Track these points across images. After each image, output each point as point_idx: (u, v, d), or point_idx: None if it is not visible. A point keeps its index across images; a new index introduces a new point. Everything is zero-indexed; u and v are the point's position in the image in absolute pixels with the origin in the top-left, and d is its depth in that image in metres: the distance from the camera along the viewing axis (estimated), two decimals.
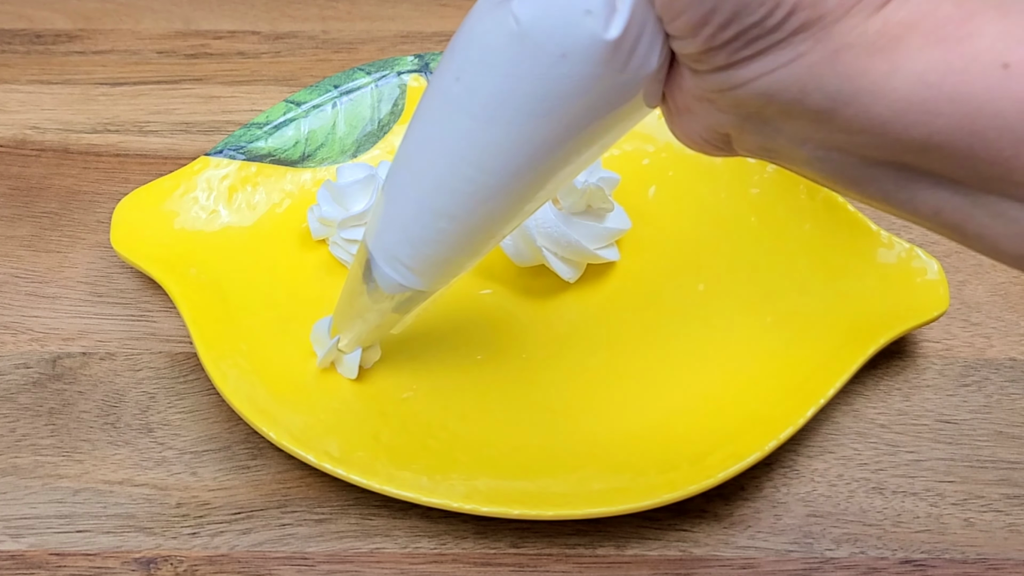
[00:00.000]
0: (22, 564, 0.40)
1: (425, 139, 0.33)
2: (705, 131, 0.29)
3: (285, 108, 0.52)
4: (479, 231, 0.34)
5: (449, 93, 0.31)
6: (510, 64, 0.29)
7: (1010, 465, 0.43)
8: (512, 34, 0.28)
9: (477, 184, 0.32)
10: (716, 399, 0.43)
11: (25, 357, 0.46)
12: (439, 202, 0.33)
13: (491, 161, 0.31)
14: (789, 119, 0.27)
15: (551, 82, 0.29)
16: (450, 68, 0.31)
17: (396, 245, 0.36)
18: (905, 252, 0.46)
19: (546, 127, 0.30)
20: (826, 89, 0.25)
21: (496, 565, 0.40)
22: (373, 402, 0.43)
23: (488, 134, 0.31)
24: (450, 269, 0.37)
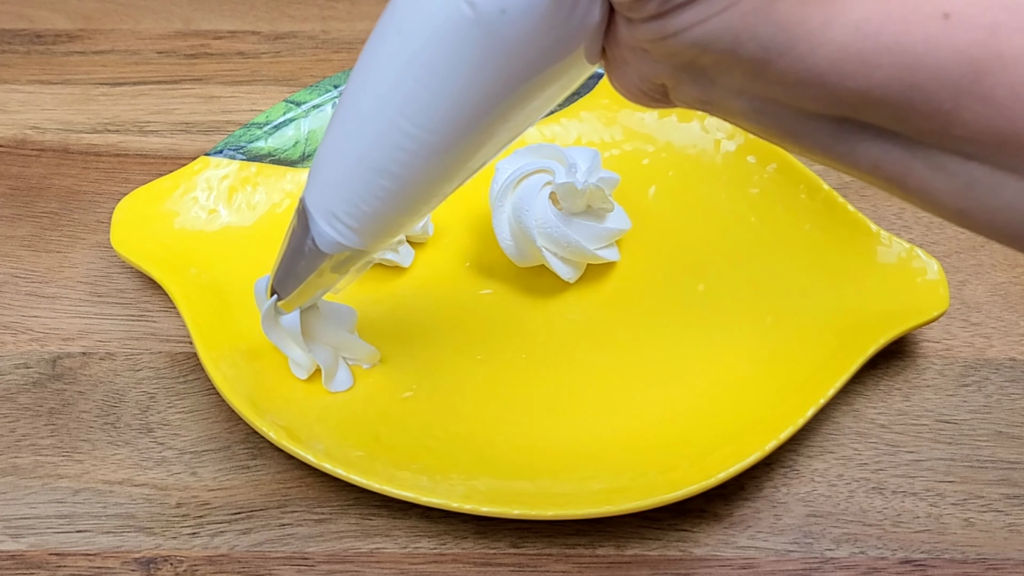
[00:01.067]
0: (22, 564, 0.40)
1: (365, 95, 0.32)
2: (642, 82, 0.29)
3: (285, 108, 0.52)
4: (421, 190, 0.33)
5: (390, 47, 0.30)
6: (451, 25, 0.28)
7: (1010, 465, 0.43)
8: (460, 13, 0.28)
9: (418, 142, 0.31)
10: (716, 399, 0.43)
11: (25, 357, 0.46)
12: (379, 159, 0.32)
13: (432, 119, 0.31)
14: (724, 70, 0.26)
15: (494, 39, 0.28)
16: (391, 22, 0.31)
17: (335, 202, 0.35)
18: (905, 252, 0.46)
19: (489, 84, 0.29)
20: (760, 39, 0.25)
21: (496, 565, 0.40)
22: (373, 402, 0.43)
23: (429, 91, 0.30)
24: (391, 228, 0.36)
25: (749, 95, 0.27)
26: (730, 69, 0.26)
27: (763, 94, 0.26)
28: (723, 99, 0.27)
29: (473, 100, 0.30)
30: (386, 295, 0.47)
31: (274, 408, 0.42)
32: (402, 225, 0.36)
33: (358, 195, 0.34)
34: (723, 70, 0.26)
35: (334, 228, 0.35)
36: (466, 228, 0.50)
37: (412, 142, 0.31)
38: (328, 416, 0.43)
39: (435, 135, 0.31)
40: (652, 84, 0.29)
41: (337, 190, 0.34)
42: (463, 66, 0.29)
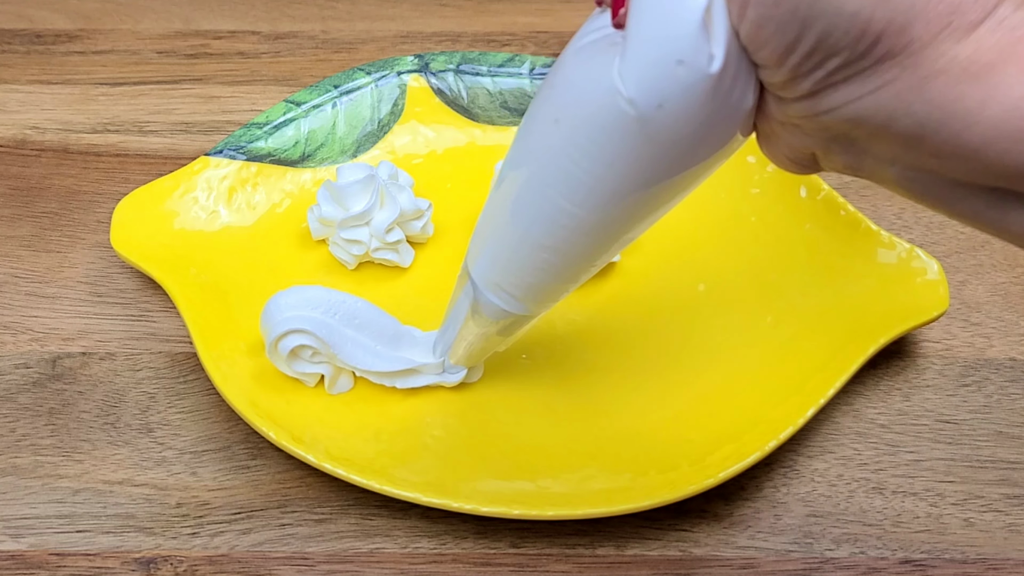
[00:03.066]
0: (22, 564, 0.40)
1: (524, 176, 0.33)
2: (792, 152, 0.30)
3: (285, 108, 0.52)
4: (580, 260, 0.35)
5: (548, 134, 0.31)
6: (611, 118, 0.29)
7: (1010, 465, 0.43)
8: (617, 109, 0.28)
9: (578, 220, 0.32)
10: (716, 399, 0.43)
11: (25, 357, 0.46)
12: (540, 236, 0.34)
13: (590, 199, 0.31)
14: (877, 142, 0.27)
15: (652, 132, 0.28)
16: (549, 108, 0.31)
17: (500, 275, 0.36)
18: (905, 252, 0.46)
19: (646, 171, 0.30)
20: (915, 116, 0.25)
21: (496, 565, 0.40)
22: (373, 402, 0.43)
23: (589, 175, 0.31)
24: (552, 295, 0.37)
25: (902, 165, 0.27)
26: (883, 142, 0.26)
27: (916, 165, 0.27)
28: (875, 167, 0.28)
29: (630, 185, 0.30)
30: (386, 295, 0.47)
31: (274, 408, 0.42)
32: (563, 291, 0.37)
33: (522, 269, 0.35)
34: (876, 142, 0.27)
35: (500, 298, 0.37)
36: (466, 228, 0.50)
37: (571, 220, 0.32)
38: (328, 416, 0.43)
39: (593, 214, 0.32)
40: (802, 154, 0.29)
41: (502, 264, 0.36)
42: (621, 155, 0.29)
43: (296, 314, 0.41)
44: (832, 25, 0.24)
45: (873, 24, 0.24)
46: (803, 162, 0.30)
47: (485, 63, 0.54)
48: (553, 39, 0.62)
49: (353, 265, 0.48)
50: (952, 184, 0.26)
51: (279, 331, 0.41)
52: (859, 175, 0.29)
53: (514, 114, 0.54)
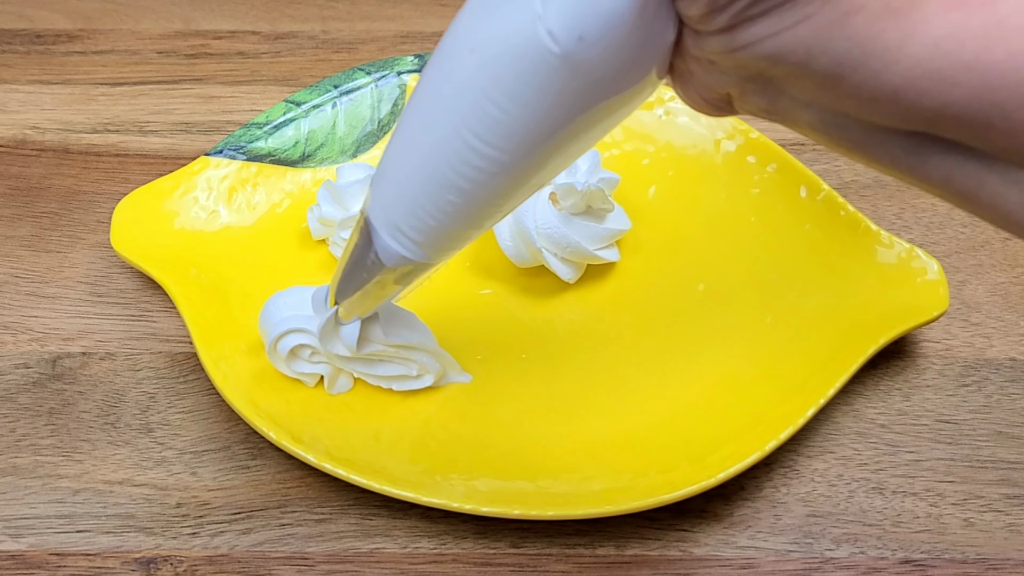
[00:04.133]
0: (22, 564, 0.40)
1: (433, 112, 0.31)
2: (706, 91, 0.29)
3: (285, 108, 0.52)
4: (488, 204, 0.33)
5: (462, 65, 0.30)
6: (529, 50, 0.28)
7: (1010, 465, 0.43)
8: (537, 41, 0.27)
9: (489, 159, 0.31)
10: (716, 399, 0.43)
11: (25, 357, 0.46)
12: (448, 175, 0.32)
13: (504, 139, 0.30)
14: (794, 82, 0.26)
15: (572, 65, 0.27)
16: (464, 39, 0.30)
17: (400, 217, 0.34)
18: (905, 252, 0.46)
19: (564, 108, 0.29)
20: (833, 53, 0.24)
21: (496, 565, 0.40)
22: (373, 402, 0.43)
23: (503, 112, 0.29)
24: (456, 242, 0.35)
25: (818, 107, 0.26)
26: (800, 81, 0.26)
27: (833, 107, 0.26)
28: (791, 109, 0.27)
29: (547, 123, 0.29)
30: None
31: (274, 408, 0.42)
32: (467, 238, 0.35)
33: (424, 210, 0.33)
34: (793, 82, 0.26)
35: (399, 242, 0.35)
36: None
37: (482, 160, 0.31)
38: (328, 416, 0.43)
39: (506, 154, 0.30)
40: (717, 94, 0.28)
41: (403, 205, 0.34)
42: (539, 91, 0.28)
43: (295, 314, 0.41)
44: None
45: None
46: (718, 103, 0.29)
47: None
48: None
49: None
50: (870, 128, 0.26)
51: (278, 331, 0.41)
52: (774, 118, 0.28)
53: None
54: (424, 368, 0.43)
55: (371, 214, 0.35)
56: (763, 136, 0.51)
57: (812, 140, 0.28)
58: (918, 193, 0.53)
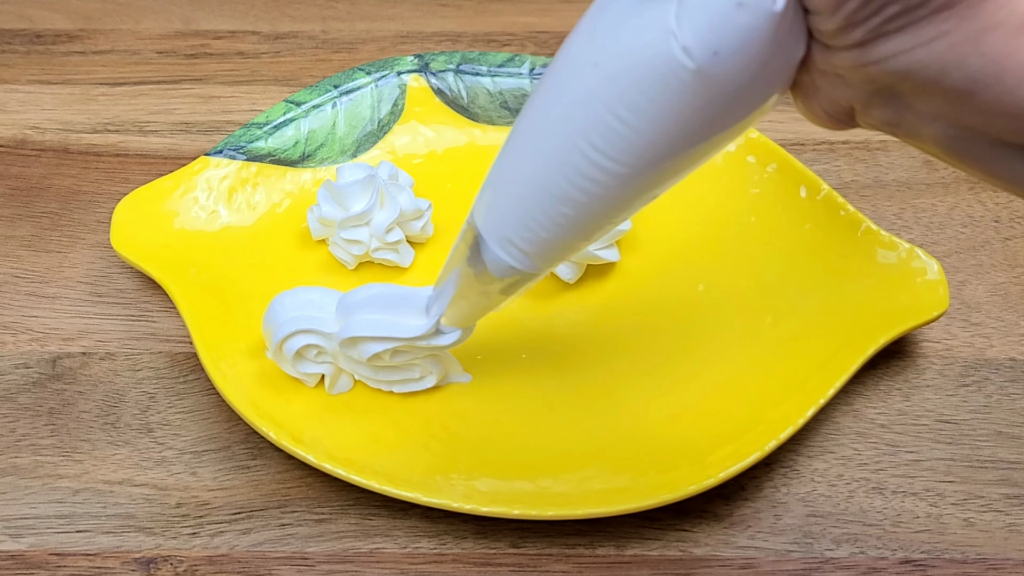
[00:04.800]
0: (22, 564, 0.40)
1: (549, 122, 0.31)
2: (830, 106, 0.28)
3: (285, 108, 0.52)
4: (602, 216, 0.32)
5: (584, 77, 0.29)
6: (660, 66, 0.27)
7: (1010, 465, 0.43)
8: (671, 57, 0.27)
9: (608, 173, 0.30)
10: (716, 399, 0.43)
11: (25, 357, 0.46)
12: (563, 187, 0.31)
13: (628, 153, 0.30)
14: (923, 97, 0.26)
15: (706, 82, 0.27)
16: (587, 51, 0.29)
17: (511, 229, 0.34)
18: (905, 252, 0.46)
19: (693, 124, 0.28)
20: (968, 69, 0.24)
21: (496, 565, 0.40)
22: (373, 402, 0.43)
23: (628, 127, 0.29)
24: (565, 253, 0.35)
25: (945, 121, 0.26)
26: (930, 96, 0.26)
27: (961, 122, 0.26)
28: (916, 124, 0.27)
29: (674, 138, 0.29)
30: None
31: (274, 408, 0.42)
32: (576, 249, 0.35)
33: (537, 222, 0.33)
34: (922, 96, 0.26)
35: (509, 254, 0.35)
36: None
37: (602, 173, 0.30)
38: (328, 416, 0.43)
39: (628, 167, 0.30)
40: (840, 107, 0.28)
41: (514, 217, 0.34)
42: (669, 106, 0.28)
43: (302, 314, 0.41)
44: None
45: None
46: (839, 116, 0.29)
47: (485, 63, 0.54)
48: (553, 39, 0.62)
49: (353, 265, 0.48)
50: (994, 143, 0.26)
51: (285, 331, 0.41)
52: (895, 132, 0.28)
53: (514, 114, 0.54)
54: (427, 370, 0.43)
55: (480, 225, 0.35)
56: (763, 136, 0.51)
57: (931, 155, 0.28)
58: (918, 193, 0.53)
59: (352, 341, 0.41)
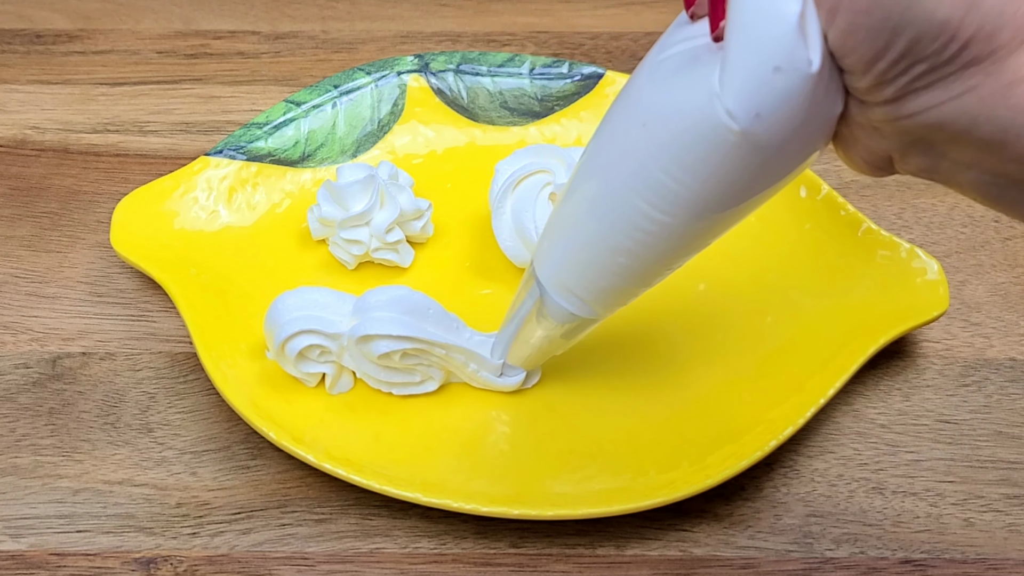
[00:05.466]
0: (22, 564, 0.40)
1: (603, 179, 0.33)
2: (869, 155, 0.30)
3: (285, 108, 0.52)
4: (656, 264, 0.34)
5: (633, 137, 0.31)
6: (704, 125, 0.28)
7: (1010, 465, 0.43)
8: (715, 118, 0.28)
9: (660, 225, 0.32)
10: (716, 399, 0.43)
11: (25, 357, 0.46)
12: (619, 240, 0.33)
13: (676, 206, 0.31)
14: (957, 146, 0.27)
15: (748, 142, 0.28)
16: (636, 112, 0.31)
17: (571, 278, 0.36)
18: (905, 252, 0.46)
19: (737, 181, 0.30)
20: (998, 121, 0.25)
21: (496, 565, 0.40)
22: (373, 402, 0.43)
23: (676, 182, 0.30)
24: (623, 298, 0.37)
25: (980, 169, 0.27)
26: (963, 146, 0.27)
27: (995, 169, 0.27)
28: (952, 171, 0.28)
29: (722, 192, 0.30)
30: None
31: (274, 408, 0.42)
32: (634, 295, 0.37)
33: (596, 272, 0.35)
34: (955, 147, 0.27)
35: (569, 301, 0.37)
36: (466, 228, 0.50)
37: (654, 225, 0.32)
38: (328, 416, 0.43)
39: (678, 220, 0.32)
40: (879, 157, 0.29)
41: (574, 268, 0.36)
42: (716, 165, 0.29)
43: (306, 314, 0.41)
44: (922, 32, 0.25)
45: (962, 31, 0.24)
46: (879, 164, 0.30)
47: (485, 63, 0.54)
48: (553, 39, 0.62)
49: (353, 265, 0.48)
50: None
51: (288, 332, 0.41)
52: (934, 178, 0.29)
53: (514, 114, 0.54)
54: (427, 375, 0.43)
55: (541, 276, 0.37)
56: None
57: (970, 198, 0.29)
58: (918, 193, 0.53)
59: (367, 338, 0.41)
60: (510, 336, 0.41)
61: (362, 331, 0.41)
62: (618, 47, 0.61)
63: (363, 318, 0.41)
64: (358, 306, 0.42)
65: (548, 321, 0.39)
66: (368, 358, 0.42)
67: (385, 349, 0.41)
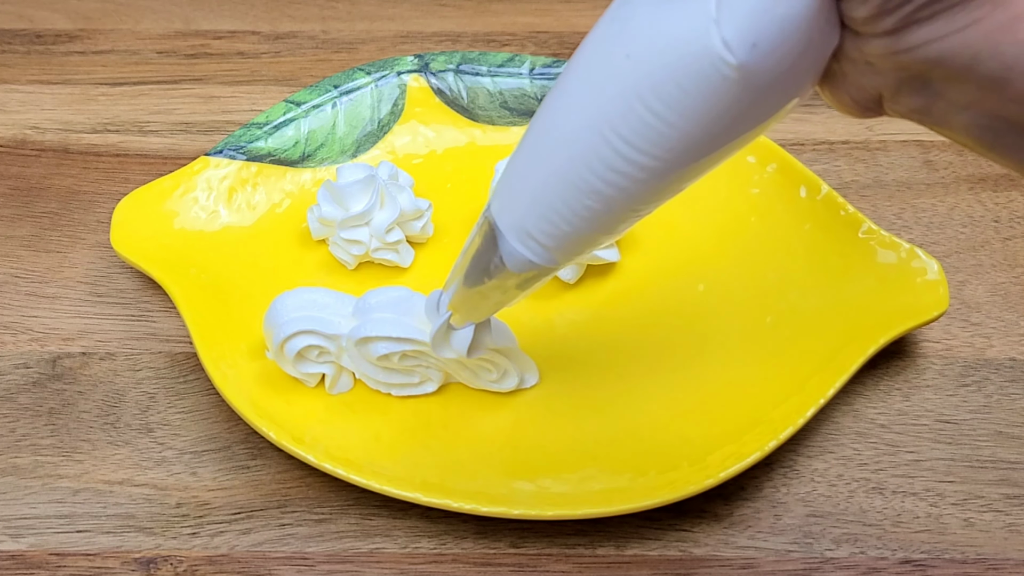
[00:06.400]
0: (22, 564, 0.40)
1: (574, 115, 0.30)
2: (858, 93, 0.28)
3: (285, 108, 0.52)
4: (627, 210, 0.32)
5: (614, 68, 0.29)
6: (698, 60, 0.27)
7: (1010, 465, 0.43)
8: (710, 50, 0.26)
9: (637, 166, 0.29)
10: (716, 399, 0.43)
11: (25, 357, 0.46)
12: (588, 179, 0.30)
13: (659, 146, 0.29)
14: (955, 84, 0.26)
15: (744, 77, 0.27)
16: (618, 41, 0.29)
17: (531, 222, 0.33)
18: (905, 252, 0.46)
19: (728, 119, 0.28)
20: (1002, 57, 0.24)
21: (496, 565, 0.40)
22: (373, 402, 0.43)
23: (660, 120, 0.28)
24: (587, 247, 0.34)
25: (976, 110, 0.26)
26: (962, 84, 0.25)
27: (993, 110, 0.26)
28: (946, 112, 0.27)
29: (708, 131, 0.28)
30: None
31: (274, 408, 0.42)
32: (597, 243, 0.34)
33: (559, 215, 0.32)
34: (954, 85, 0.26)
35: (527, 247, 0.34)
36: (466, 228, 0.50)
37: (631, 166, 0.30)
38: (328, 416, 0.43)
39: (659, 161, 0.29)
40: (868, 95, 0.28)
41: (535, 210, 0.33)
42: (706, 101, 0.27)
43: (304, 315, 0.41)
44: None
45: None
46: (867, 105, 0.28)
47: (485, 63, 0.54)
48: (553, 39, 0.62)
49: (353, 265, 0.48)
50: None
51: (287, 332, 0.41)
52: (925, 121, 0.28)
53: (514, 114, 0.54)
54: (426, 376, 0.43)
55: (497, 218, 0.34)
56: (763, 136, 0.51)
57: (960, 144, 0.28)
58: (918, 193, 0.53)
59: (366, 340, 0.41)
60: (456, 287, 0.38)
61: (362, 333, 0.41)
62: None
63: (363, 319, 0.41)
64: (358, 307, 0.42)
65: (503, 270, 0.35)
66: (367, 359, 0.42)
67: (384, 351, 0.41)
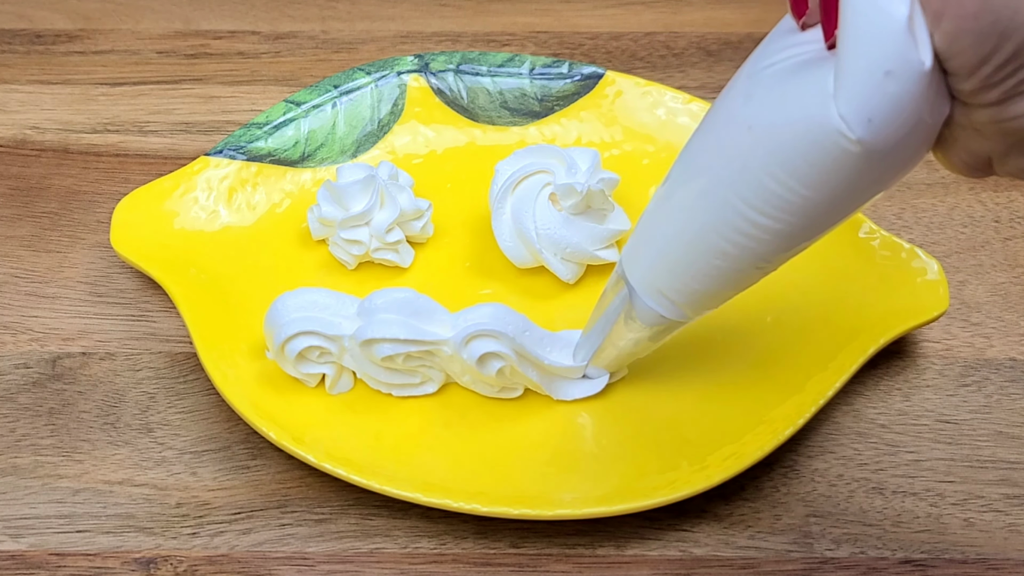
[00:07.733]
0: (22, 564, 0.40)
1: (704, 179, 0.33)
2: (968, 156, 0.30)
3: (285, 108, 0.52)
4: (754, 267, 0.34)
5: (739, 141, 0.31)
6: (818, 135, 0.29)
7: (1010, 465, 0.43)
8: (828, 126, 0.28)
9: (763, 229, 0.32)
10: (716, 399, 0.43)
11: (25, 357, 0.46)
12: (716, 242, 0.33)
13: (782, 211, 0.31)
14: None
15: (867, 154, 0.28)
16: (740, 117, 0.31)
17: (663, 280, 0.36)
18: (905, 252, 0.46)
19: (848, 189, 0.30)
20: None
21: (496, 565, 0.40)
22: (373, 402, 0.43)
23: (784, 188, 0.30)
24: (716, 301, 0.37)
25: None
26: None
27: None
28: None
29: (832, 198, 0.30)
30: None
31: (274, 408, 0.42)
32: (726, 297, 0.37)
33: (690, 275, 0.35)
34: None
35: (660, 304, 0.37)
36: (466, 228, 0.50)
37: (757, 229, 0.32)
38: (328, 416, 0.43)
39: (782, 224, 0.32)
40: (978, 158, 0.30)
41: (666, 270, 0.36)
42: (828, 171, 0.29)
43: (305, 315, 0.41)
44: None
45: None
46: (977, 166, 0.30)
47: (485, 63, 0.54)
48: (553, 39, 0.62)
49: (353, 265, 0.48)
50: None
51: (288, 332, 0.41)
52: None
53: (514, 114, 0.54)
54: (427, 377, 0.43)
55: (631, 278, 0.37)
56: None
57: None
58: (918, 193, 0.53)
59: (371, 342, 0.41)
60: (594, 339, 0.41)
61: (368, 334, 0.41)
62: (618, 47, 0.61)
63: (368, 320, 0.41)
64: (363, 308, 0.42)
65: (636, 324, 0.39)
66: (371, 360, 0.42)
67: (389, 352, 0.41)
